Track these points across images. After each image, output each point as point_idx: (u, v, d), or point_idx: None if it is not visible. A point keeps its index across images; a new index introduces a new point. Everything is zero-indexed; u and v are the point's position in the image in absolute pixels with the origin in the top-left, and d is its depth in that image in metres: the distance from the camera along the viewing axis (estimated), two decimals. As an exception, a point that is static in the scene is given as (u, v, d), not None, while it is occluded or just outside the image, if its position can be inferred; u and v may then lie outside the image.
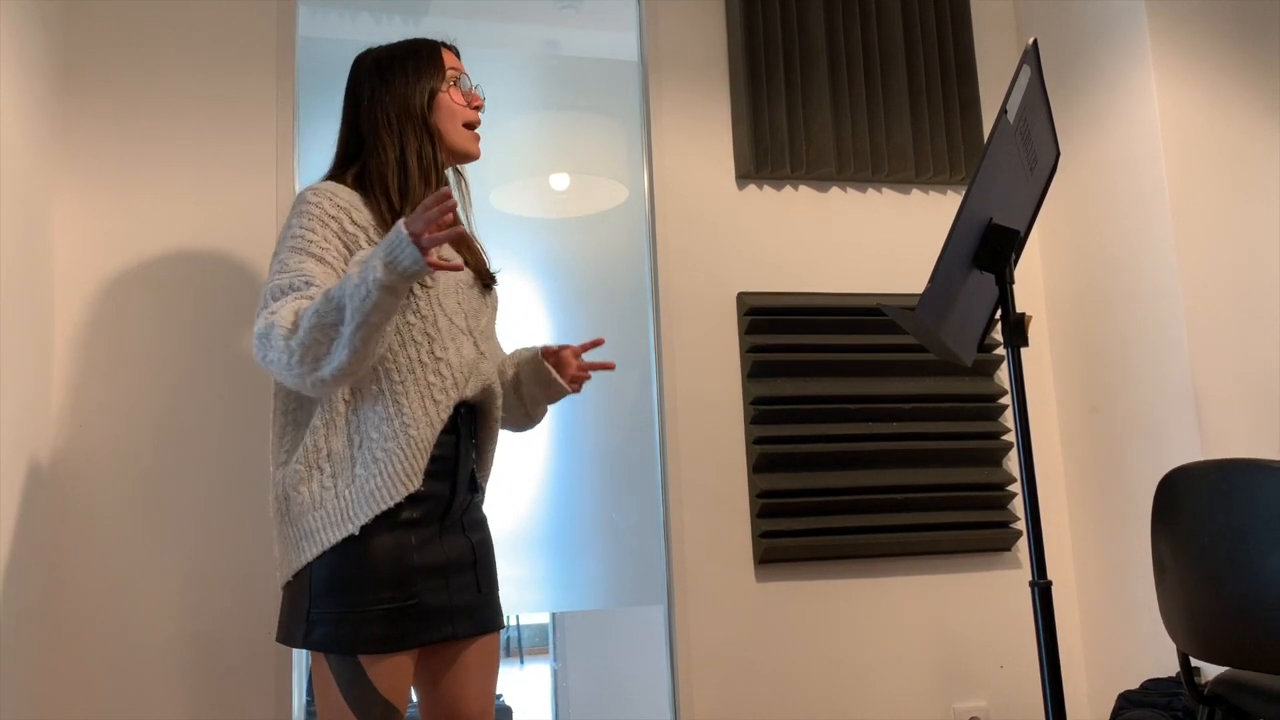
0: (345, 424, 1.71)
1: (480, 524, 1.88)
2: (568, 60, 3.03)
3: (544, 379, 1.94)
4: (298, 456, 1.72)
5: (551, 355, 1.95)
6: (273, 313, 1.63)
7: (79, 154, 2.47)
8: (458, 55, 1.95)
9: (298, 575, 1.70)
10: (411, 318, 1.74)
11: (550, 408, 2.05)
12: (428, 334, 1.74)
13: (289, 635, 1.69)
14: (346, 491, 1.68)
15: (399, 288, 1.56)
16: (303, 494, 1.70)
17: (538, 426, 2.10)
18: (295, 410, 1.77)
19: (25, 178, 2.17)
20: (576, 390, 1.97)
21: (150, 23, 2.56)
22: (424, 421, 1.72)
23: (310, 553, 1.68)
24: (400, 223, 1.55)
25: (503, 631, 1.92)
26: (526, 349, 2.01)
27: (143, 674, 2.33)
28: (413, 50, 1.89)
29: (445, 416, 1.74)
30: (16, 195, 2.11)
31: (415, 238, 1.53)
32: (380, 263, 1.54)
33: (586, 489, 2.78)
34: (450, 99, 1.87)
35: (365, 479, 1.68)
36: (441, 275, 1.79)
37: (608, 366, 2.00)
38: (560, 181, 2.96)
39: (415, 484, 1.69)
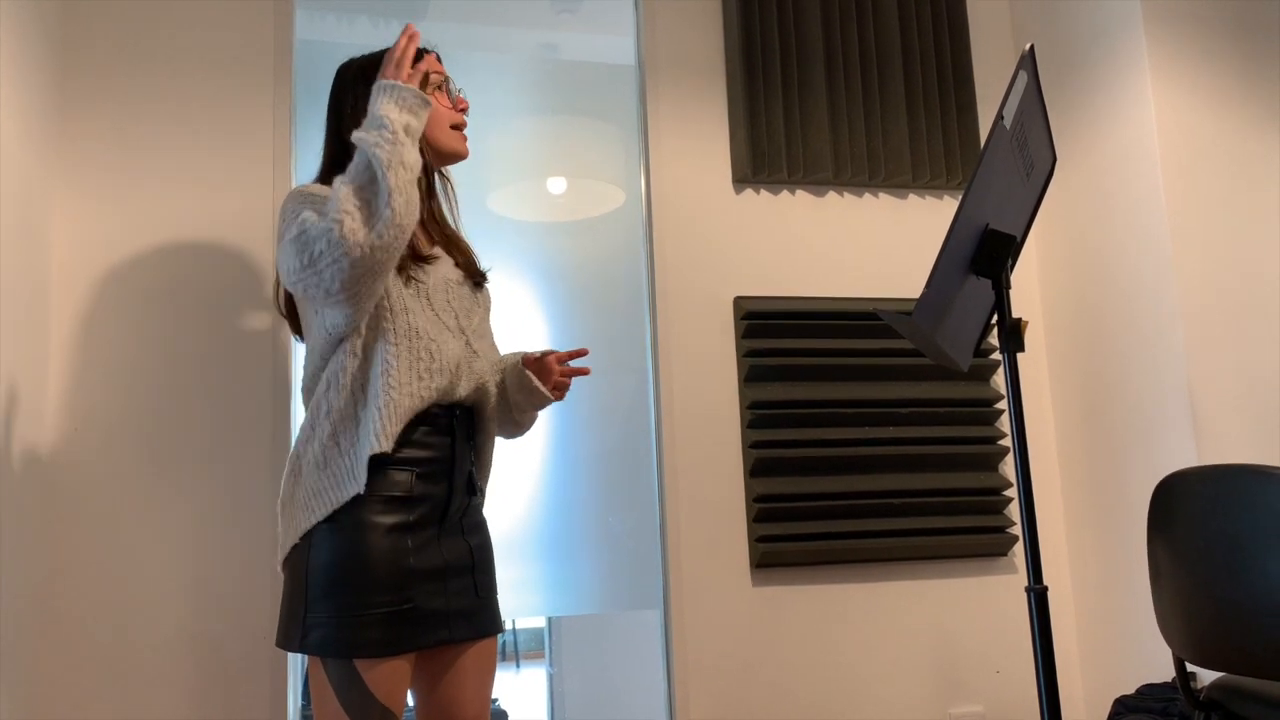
0: (350, 382, 1.71)
1: (479, 527, 1.88)
2: (565, 64, 3.03)
3: (526, 386, 1.94)
4: (308, 419, 1.75)
5: (533, 362, 1.96)
6: (298, 219, 1.65)
7: (76, 155, 2.47)
8: (440, 60, 1.96)
9: (297, 552, 1.69)
10: (402, 301, 1.75)
11: (545, 412, 2.05)
12: (415, 325, 1.75)
13: (287, 640, 1.69)
14: (351, 450, 1.69)
15: (413, 126, 1.65)
16: (313, 451, 1.71)
17: (533, 431, 2.10)
18: (315, 375, 1.78)
19: (22, 178, 2.17)
20: (559, 398, 1.97)
21: (148, 24, 2.56)
22: (408, 390, 1.71)
23: (320, 512, 1.67)
24: (377, 81, 1.68)
25: (499, 635, 1.92)
26: (511, 355, 2.02)
27: (138, 675, 2.32)
28: None
29: (427, 397, 1.73)
30: (14, 196, 2.10)
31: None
32: (383, 108, 1.64)
33: (583, 493, 2.78)
34: (435, 102, 1.87)
35: (364, 437, 1.69)
36: (430, 273, 1.81)
37: (583, 371, 1.99)
38: (557, 185, 2.96)
39: (384, 445, 1.68)
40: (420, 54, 1.91)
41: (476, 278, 1.93)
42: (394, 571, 1.68)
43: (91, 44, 2.52)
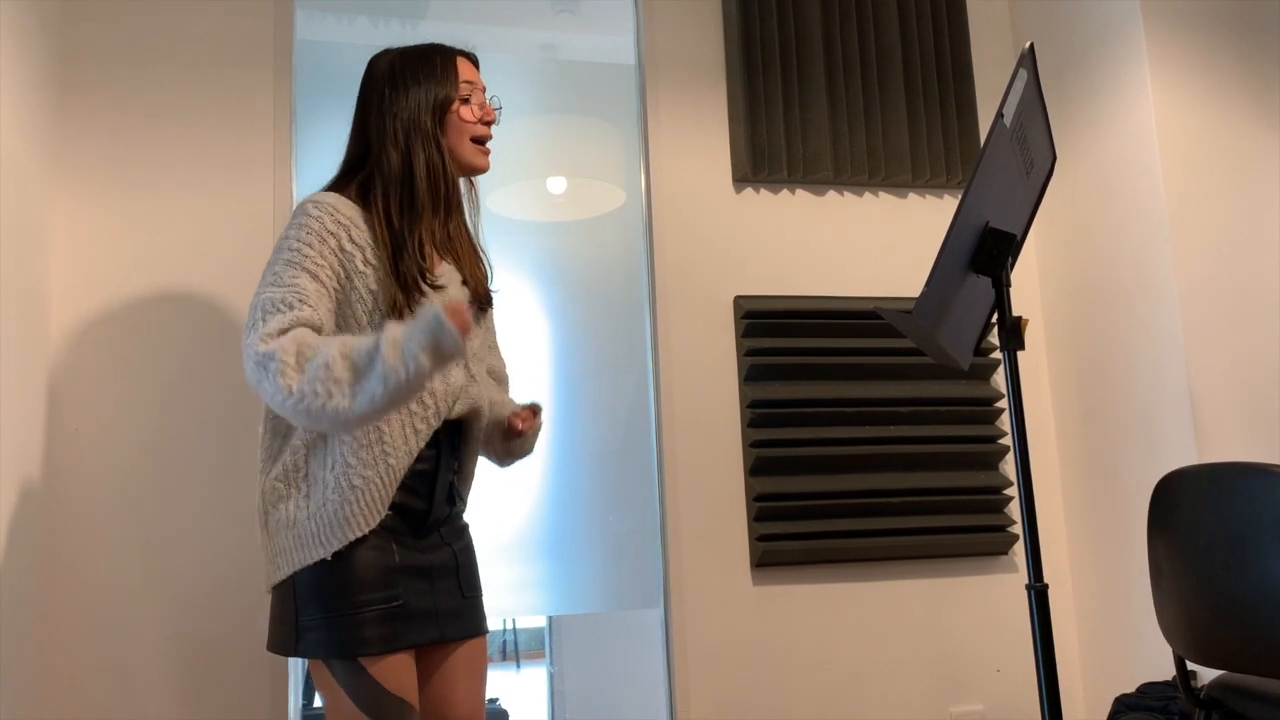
0: (325, 446, 1.68)
1: (461, 531, 1.88)
2: (565, 64, 3.03)
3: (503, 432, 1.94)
4: (277, 472, 1.70)
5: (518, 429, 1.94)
6: (269, 336, 1.57)
7: (76, 158, 2.47)
8: (475, 65, 1.90)
9: (279, 586, 1.70)
10: None
11: (546, 412, 2.04)
12: None
13: (280, 644, 1.69)
14: (318, 514, 1.66)
15: (430, 371, 1.52)
16: (280, 511, 1.69)
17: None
18: (280, 418, 1.73)
19: (22, 181, 2.17)
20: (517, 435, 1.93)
21: (148, 25, 2.56)
22: (403, 450, 1.70)
23: (285, 570, 1.67)
24: (439, 308, 1.49)
25: (499, 634, 1.92)
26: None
27: (138, 678, 2.32)
28: (427, 58, 1.84)
29: (423, 444, 1.73)
30: (13, 198, 2.10)
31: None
32: (424, 352, 1.48)
33: (584, 492, 2.78)
34: (460, 115, 1.83)
35: (339, 505, 1.65)
36: (435, 299, 1.76)
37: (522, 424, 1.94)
38: (557, 185, 2.96)
39: (384, 511, 1.69)
40: (452, 56, 1.86)
41: (483, 301, 1.88)
42: (379, 570, 1.67)
43: (91, 45, 2.52)
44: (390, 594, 1.67)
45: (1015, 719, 2.88)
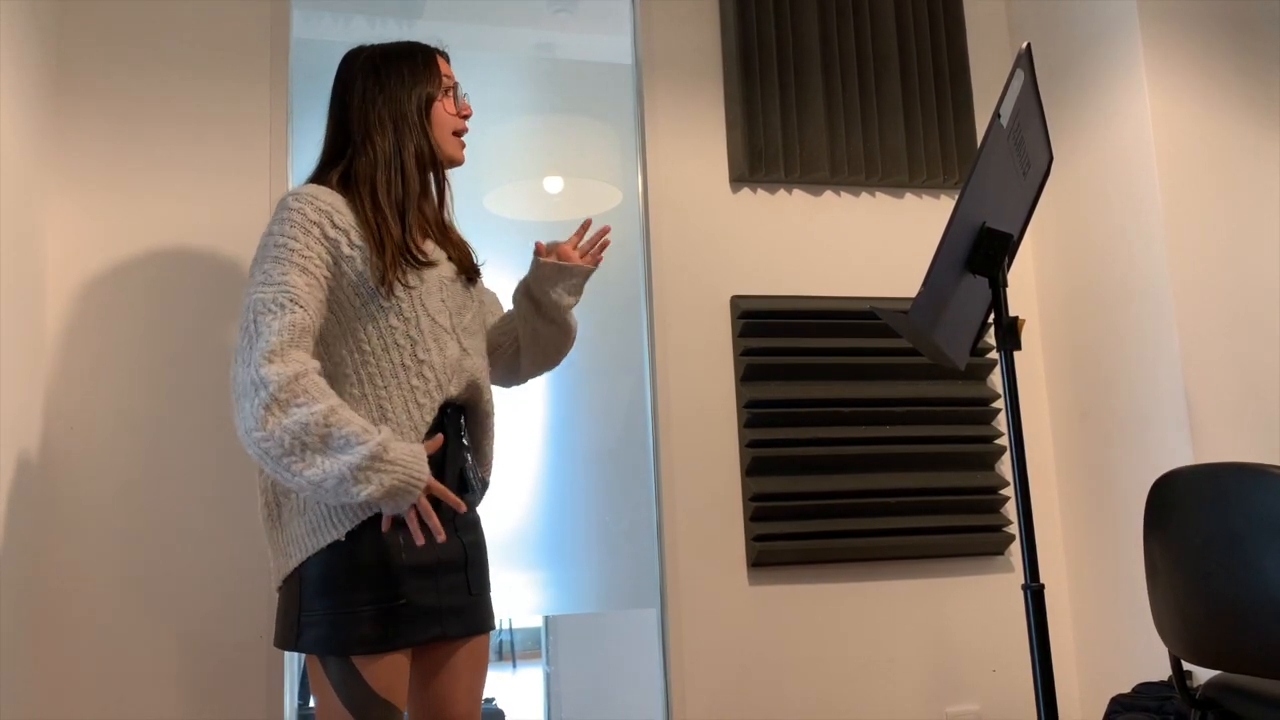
0: None
1: (473, 525, 1.88)
2: (561, 63, 3.03)
3: (552, 275, 1.98)
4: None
5: (548, 253, 2.00)
6: (272, 355, 1.57)
7: (72, 155, 2.46)
8: (449, 63, 1.96)
9: (287, 580, 1.71)
10: (395, 320, 1.74)
11: (542, 410, 2.04)
12: (410, 336, 1.75)
13: (284, 639, 1.70)
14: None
15: (371, 499, 1.58)
16: (293, 500, 1.71)
17: (530, 430, 2.09)
18: None
19: (19, 178, 2.16)
20: (595, 264, 2.02)
21: (144, 23, 2.55)
22: (408, 425, 1.72)
23: (297, 558, 1.69)
24: (427, 481, 1.60)
25: (495, 635, 1.92)
26: (515, 292, 2.06)
27: (133, 675, 2.32)
28: (409, 53, 1.89)
29: (429, 419, 1.74)
30: (10, 195, 2.10)
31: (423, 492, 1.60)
32: (385, 486, 1.55)
33: (580, 492, 2.78)
34: (443, 108, 1.89)
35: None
36: (427, 276, 1.80)
37: (604, 234, 2.05)
38: (554, 185, 2.96)
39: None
40: (432, 54, 1.91)
41: (470, 274, 1.91)
42: (384, 568, 1.68)
43: (87, 44, 2.51)
44: (393, 592, 1.68)
45: (1011, 719, 2.88)
